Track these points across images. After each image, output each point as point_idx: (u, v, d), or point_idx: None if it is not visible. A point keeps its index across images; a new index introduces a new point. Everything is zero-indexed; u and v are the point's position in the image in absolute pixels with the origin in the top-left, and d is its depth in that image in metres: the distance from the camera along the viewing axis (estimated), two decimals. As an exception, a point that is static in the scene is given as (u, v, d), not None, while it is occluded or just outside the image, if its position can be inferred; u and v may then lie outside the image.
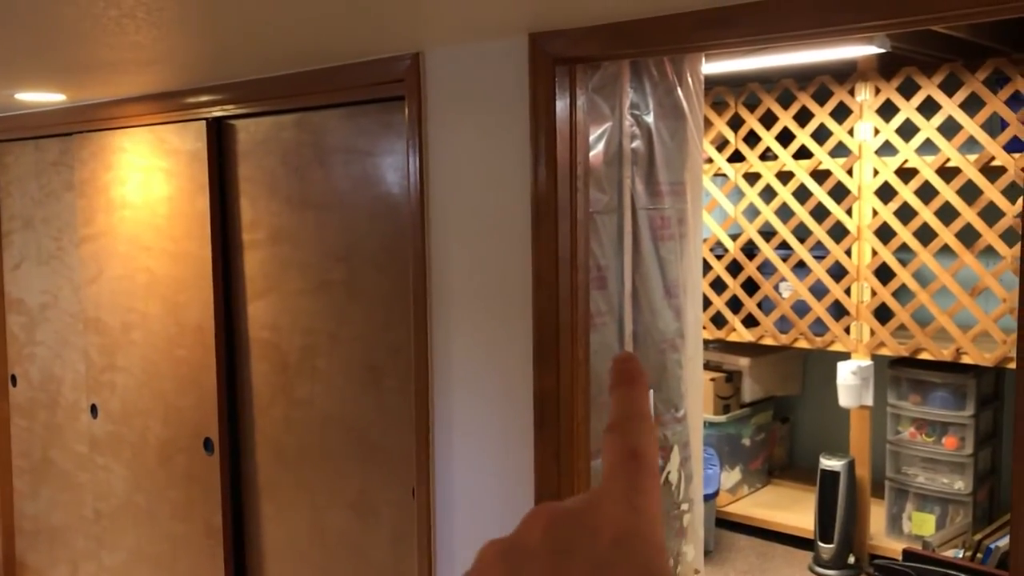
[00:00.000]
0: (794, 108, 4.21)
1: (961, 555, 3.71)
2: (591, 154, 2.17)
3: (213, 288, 2.92)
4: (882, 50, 3.43)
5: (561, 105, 2.04)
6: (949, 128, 3.80)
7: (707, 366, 4.57)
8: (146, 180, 3.14)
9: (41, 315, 3.76)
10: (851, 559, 4.05)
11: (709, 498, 4.14)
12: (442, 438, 2.35)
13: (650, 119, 2.38)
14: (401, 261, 2.46)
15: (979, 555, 3.64)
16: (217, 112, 2.83)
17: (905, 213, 3.92)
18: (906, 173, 3.95)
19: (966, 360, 3.84)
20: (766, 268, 4.39)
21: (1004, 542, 3.56)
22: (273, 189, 2.80)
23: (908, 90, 3.88)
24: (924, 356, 3.94)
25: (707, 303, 4.50)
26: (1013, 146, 3.68)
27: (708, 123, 4.43)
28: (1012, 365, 3.70)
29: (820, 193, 4.14)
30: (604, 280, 2.26)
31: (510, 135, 2.12)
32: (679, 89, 2.49)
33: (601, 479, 0.40)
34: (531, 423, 2.15)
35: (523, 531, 0.39)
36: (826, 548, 4.05)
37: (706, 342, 4.55)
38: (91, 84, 2.77)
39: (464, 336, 2.27)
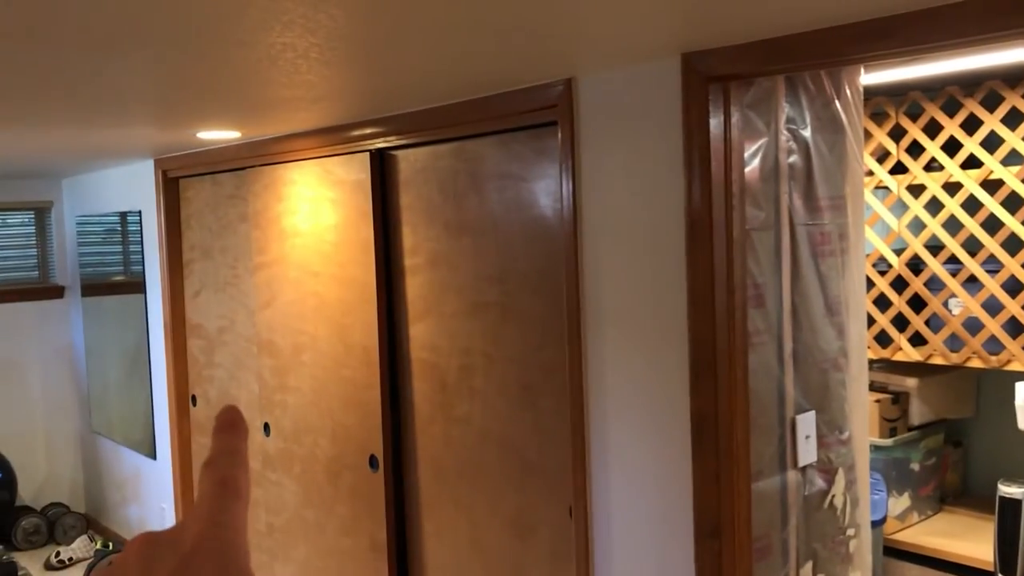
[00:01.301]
0: (961, 116, 4.01)
1: None
2: (747, 170, 2.15)
3: (377, 311, 3.05)
4: (1058, 51, 3.23)
5: (715, 123, 2.03)
6: None
7: (872, 387, 4.38)
8: (314, 210, 3.32)
9: (219, 339, 4.02)
10: (1036, 593, 3.78)
11: (876, 525, 3.97)
12: (598, 458, 2.36)
13: (807, 133, 2.34)
14: (555, 282, 2.50)
15: None
16: (380, 144, 2.97)
17: (1089, 223, 3.66)
18: (1089, 180, 3.69)
19: None
20: (934, 284, 4.19)
21: None
22: (431, 215, 2.90)
23: (1089, 92, 3.63)
24: (1115, 376, 3.66)
25: (871, 321, 4.33)
26: None
27: (868, 135, 4.28)
28: None
29: (992, 204, 3.93)
30: (762, 298, 2.22)
31: (663, 155, 2.13)
32: (837, 101, 2.43)
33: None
34: (689, 444, 2.13)
35: (121, 556, 0.44)
36: (1007, 581, 3.80)
37: (871, 362, 4.38)
38: (264, 121, 2.96)
39: (619, 356, 2.28)
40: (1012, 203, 3.89)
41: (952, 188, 4.11)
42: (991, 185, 3.98)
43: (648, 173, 2.17)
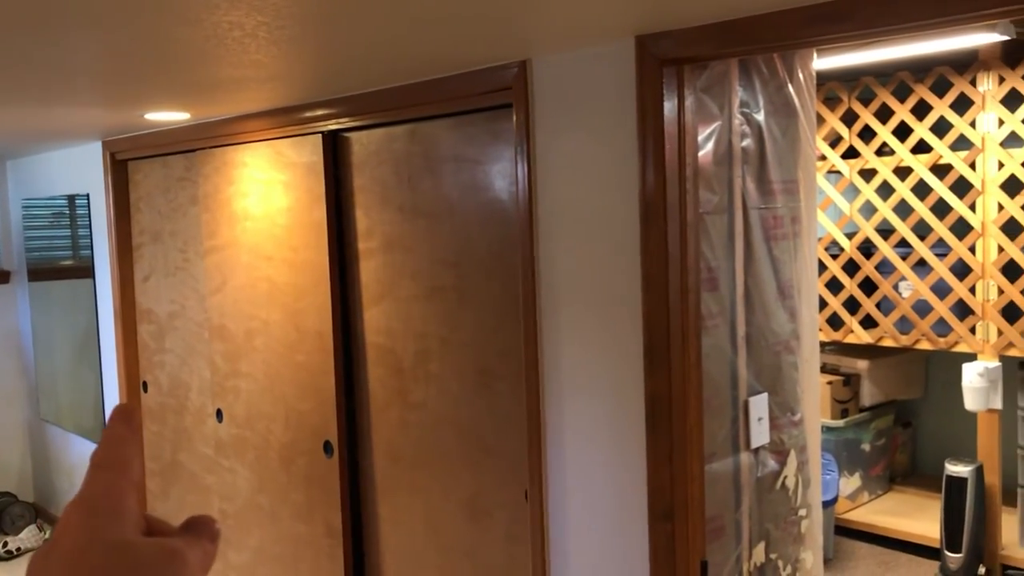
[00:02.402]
0: (911, 101, 4.07)
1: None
2: (700, 154, 2.15)
3: (331, 295, 3.02)
4: (1006, 37, 3.29)
5: (669, 106, 2.03)
6: (1081, 116, 3.61)
7: (824, 369, 4.45)
8: (266, 193, 3.27)
9: (169, 324, 3.95)
10: (981, 570, 3.88)
11: (828, 505, 4.03)
12: (554, 440, 2.36)
13: (760, 117, 2.34)
14: (510, 266, 2.49)
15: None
16: (332, 125, 2.93)
17: (1034, 207, 3.74)
18: (1034, 165, 3.76)
19: (1105, 361, 3.63)
20: (884, 267, 4.25)
21: None
22: (386, 198, 2.87)
23: (1035, 78, 3.70)
24: (1058, 357, 3.75)
25: (823, 304, 4.39)
26: None
27: (821, 119, 4.32)
28: None
29: (941, 188, 3.99)
30: (715, 281, 2.23)
31: (617, 138, 2.12)
32: (790, 85, 2.44)
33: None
34: (643, 426, 2.14)
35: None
36: (953, 558, 3.89)
37: (823, 344, 4.43)
38: (214, 102, 2.90)
39: (574, 339, 2.28)
40: (960, 188, 3.95)
41: (903, 172, 4.16)
42: (940, 170, 4.04)
43: (603, 156, 2.17)
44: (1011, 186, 3.80)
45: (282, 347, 3.27)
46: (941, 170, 4.02)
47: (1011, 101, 3.77)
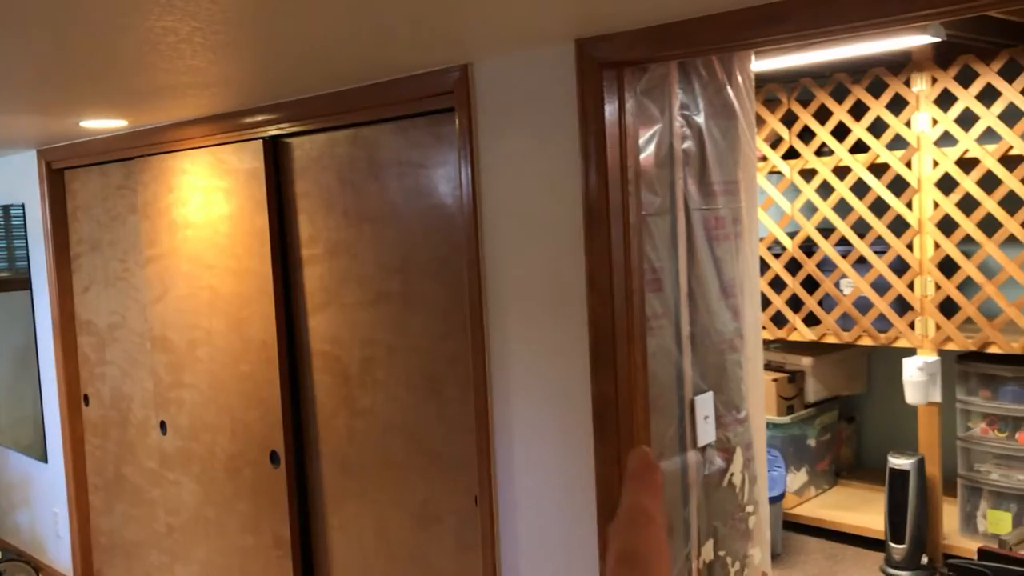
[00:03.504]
0: (849, 102, 4.14)
1: (1040, 553, 3.59)
2: (642, 157, 2.17)
3: (275, 303, 2.98)
4: (937, 39, 3.37)
5: (610, 109, 2.04)
6: (1010, 115, 3.71)
7: (769, 366, 4.51)
8: (206, 200, 3.22)
9: (110, 336, 3.87)
10: (924, 559, 3.96)
11: (775, 500, 4.09)
12: (503, 446, 2.36)
13: (700, 119, 2.37)
14: (456, 270, 2.48)
15: (1059, 553, 3.53)
16: (273, 131, 2.89)
17: (968, 204, 3.83)
18: (967, 163, 3.86)
19: (1038, 352, 3.73)
20: (826, 265, 4.33)
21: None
22: (329, 204, 2.84)
23: (966, 78, 3.80)
24: (993, 350, 3.85)
25: (766, 302, 4.46)
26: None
27: (761, 121, 4.39)
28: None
29: (879, 187, 4.07)
30: (659, 282, 2.25)
31: (560, 141, 2.13)
32: (729, 87, 2.47)
33: None
34: (591, 427, 2.15)
35: None
36: (898, 549, 3.97)
37: (767, 342, 4.50)
38: (151, 109, 2.85)
39: (521, 343, 2.28)
40: (897, 186, 4.04)
41: (841, 172, 4.24)
42: (878, 169, 4.12)
43: (545, 159, 2.17)
44: (945, 184, 3.89)
45: (226, 357, 3.22)
46: (878, 169, 4.10)
47: (944, 101, 3.86)
